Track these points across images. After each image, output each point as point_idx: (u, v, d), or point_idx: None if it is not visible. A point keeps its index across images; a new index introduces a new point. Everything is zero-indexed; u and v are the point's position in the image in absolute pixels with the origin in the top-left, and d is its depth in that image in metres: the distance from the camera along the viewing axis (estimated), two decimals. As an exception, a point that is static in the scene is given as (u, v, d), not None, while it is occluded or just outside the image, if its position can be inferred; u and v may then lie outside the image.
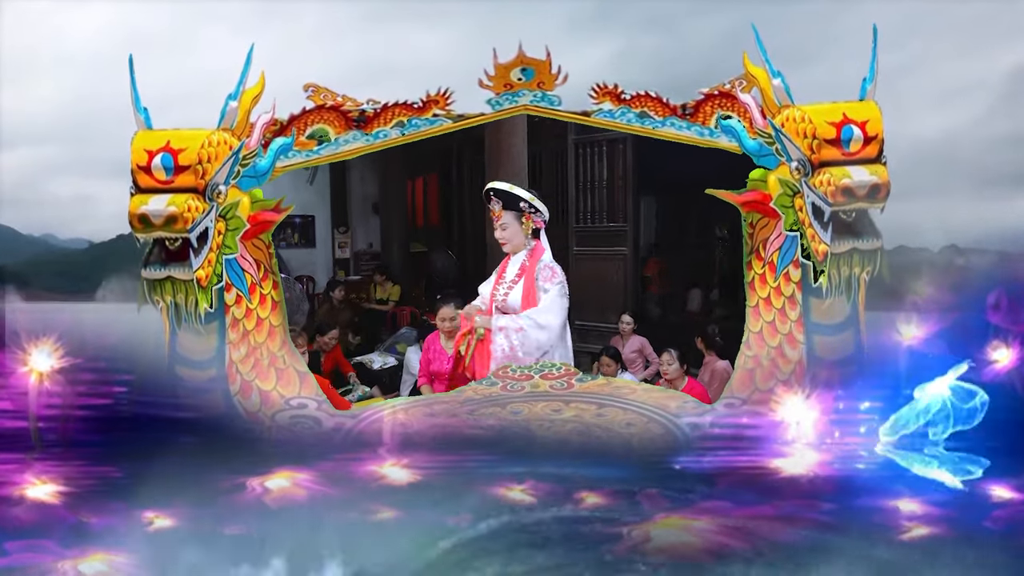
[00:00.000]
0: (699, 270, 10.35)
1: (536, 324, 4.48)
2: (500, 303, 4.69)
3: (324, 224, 12.13)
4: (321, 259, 12.03)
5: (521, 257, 4.69)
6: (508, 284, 4.68)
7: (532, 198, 4.61)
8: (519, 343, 4.46)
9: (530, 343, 4.47)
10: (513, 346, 4.46)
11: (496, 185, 4.70)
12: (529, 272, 4.60)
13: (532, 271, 4.59)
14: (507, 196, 4.61)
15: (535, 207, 4.61)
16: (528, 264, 4.64)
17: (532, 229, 4.66)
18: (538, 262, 4.61)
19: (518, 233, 4.65)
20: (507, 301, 4.64)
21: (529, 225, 4.64)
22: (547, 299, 4.52)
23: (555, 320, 4.52)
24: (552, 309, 4.51)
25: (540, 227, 4.71)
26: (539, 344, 4.49)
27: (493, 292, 4.78)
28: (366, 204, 12.36)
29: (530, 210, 4.61)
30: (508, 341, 4.47)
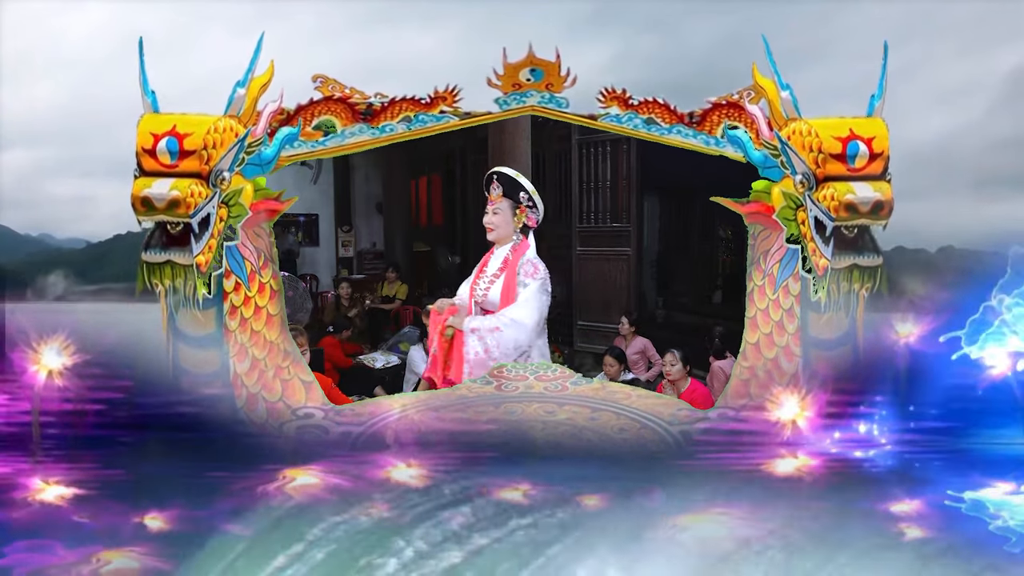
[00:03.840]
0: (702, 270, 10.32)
1: (513, 322, 4.37)
2: (480, 298, 4.59)
3: (328, 223, 12.14)
4: (324, 258, 12.04)
5: (505, 251, 4.58)
6: (489, 278, 4.58)
7: (533, 192, 4.53)
8: (495, 344, 4.35)
9: (507, 343, 4.36)
10: (488, 348, 4.34)
11: (501, 169, 4.63)
12: (511, 267, 4.49)
13: (514, 266, 4.48)
14: (509, 183, 4.53)
15: (533, 202, 4.53)
16: (511, 259, 4.52)
17: (523, 224, 4.56)
18: (521, 257, 4.50)
19: (508, 223, 4.54)
20: (487, 297, 4.54)
21: (521, 219, 4.54)
22: (525, 294, 4.41)
23: (532, 317, 4.38)
24: (529, 304, 4.39)
25: (532, 225, 4.60)
26: (517, 343, 4.39)
27: (473, 286, 4.67)
28: (370, 203, 12.38)
29: (527, 204, 4.53)
30: (482, 343, 4.35)
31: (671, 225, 10.01)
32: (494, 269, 4.57)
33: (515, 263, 4.47)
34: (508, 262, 4.51)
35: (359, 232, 12.32)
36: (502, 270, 4.52)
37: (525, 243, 4.57)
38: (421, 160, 11.75)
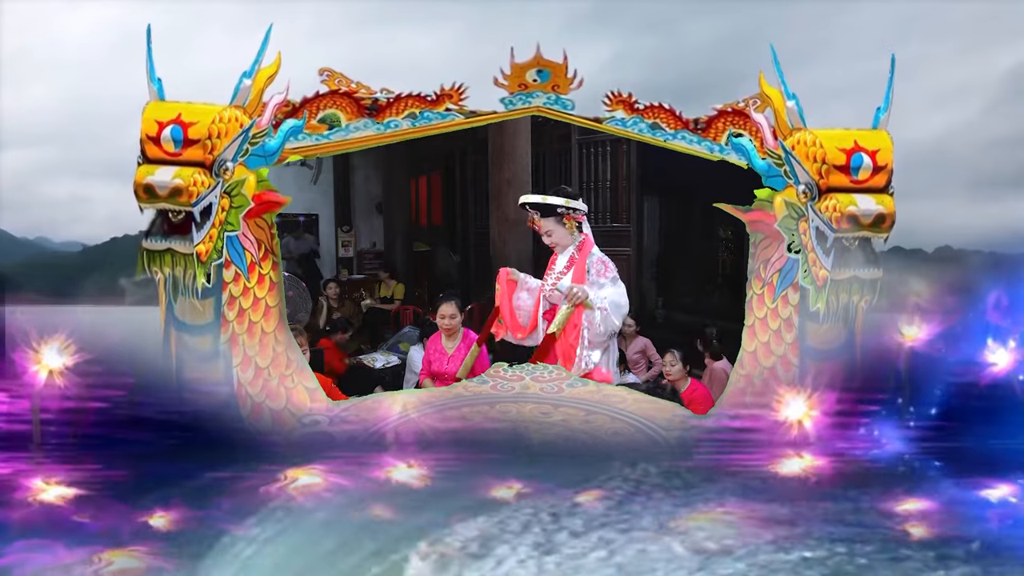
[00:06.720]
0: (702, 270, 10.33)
1: (613, 304, 4.51)
2: (548, 293, 4.73)
3: (328, 223, 12.14)
4: (325, 258, 12.01)
5: (570, 251, 4.73)
6: (557, 275, 4.73)
7: (566, 201, 4.62)
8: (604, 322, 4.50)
9: (611, 324, 4.52)
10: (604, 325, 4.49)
11: (527, 199, 4.76)
12: (579, 264, 4.64)
13: (582, 263, 4.63)
14: (539, 207, 4.66)
15: (571, 208, 4.63)
16: (577, 257, 4.68)
17: (576, 224, 4.69)
18: (588, 255, 4.65)
19: (564, 235, 4.69)
20: (555, 292, 4.66)
21: (572, 224, 4.67)
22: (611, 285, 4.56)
23: (625, 300, 4.58)
24: (620, 291, 4.57)
25: (582, 220, 4.74)
26: (615, 326, 4.56)
27: (543, 283, 4.81)
28: (370, 203, 12.38)
29: (568, 211, 4.63)
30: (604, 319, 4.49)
31: (671, 225, 10.02)
32: (561, 267, 4.75)
33: (583, 261, 4.64)
34: (575, 260, 4.69)
35: (359, 232, 12.32)
36: (569, 267, 4.69)
37: (588, 240, 4.74)
38: (421, 160, 11.76)
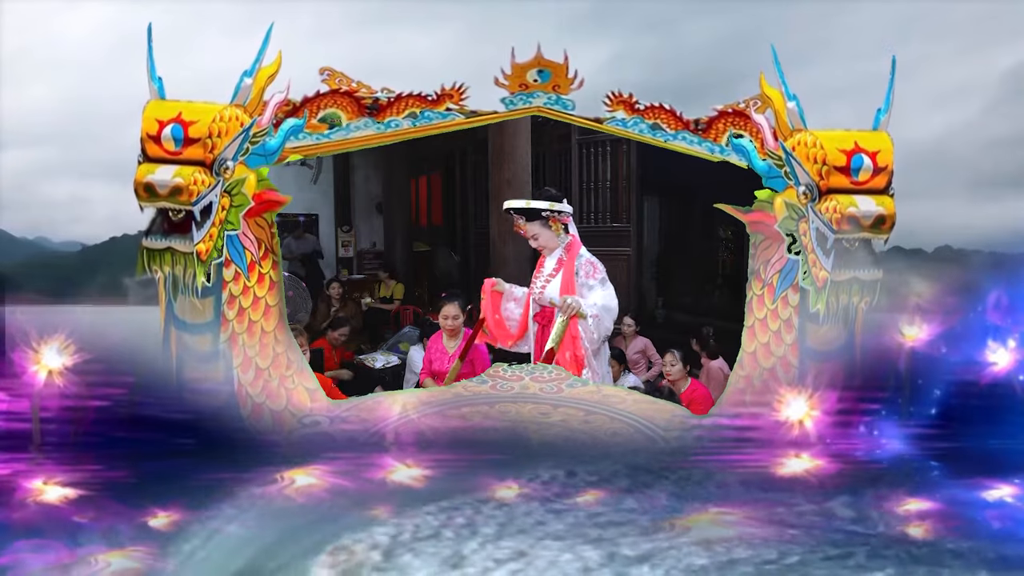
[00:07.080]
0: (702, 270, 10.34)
1: (604, 308, 4.54)
2: (537, 295, 4.75)
3: (328, 223, 12.13)
4: (325, 258, 11.99)
5: (557, 253, 4.74)
6: (545, 277, 4.73)
7: (549, 205, 4.64)
8: (598, 328, 4.53)
9: (603, 329, 4.55)
10: (598, 331, 4.53)
11: (511, 204, 4.78)
12: (567, 265, 4.66)
13: (571, 264, 4.65)
14: (526, 211, 4.68)
15: (555, 211, 4.65)
16: (565, 259, 4.70)
17: (563, 226, 4.71)
18: (576, 257, 4.67)
19: (551, 238, 4.70)
20: (544, 294, 4.69)
21: (559, 226, 4.69)
22: (599, 288, 4.59)
23: (615, 302, 4.61)
24: (609, 294, 4.59)
25: (568, 222, 4.76)
26: (608, 329, 4.58)
27: (530, 286, 4.83)
28: (370, 203, 12.37)
29: (552, 214, 4.64)
30: (597, 325, 4.51)
31: (671, 225, 10.01)
32: (549, 269, 4.76)
33: (571, 262, 4.66)
34: (563, 262, 4.70)
35: (359, 232, 12.31)
36: (558, 269, 4.70)
37: (575, 241, 4.76)
38: (421, 160, 11.76)
